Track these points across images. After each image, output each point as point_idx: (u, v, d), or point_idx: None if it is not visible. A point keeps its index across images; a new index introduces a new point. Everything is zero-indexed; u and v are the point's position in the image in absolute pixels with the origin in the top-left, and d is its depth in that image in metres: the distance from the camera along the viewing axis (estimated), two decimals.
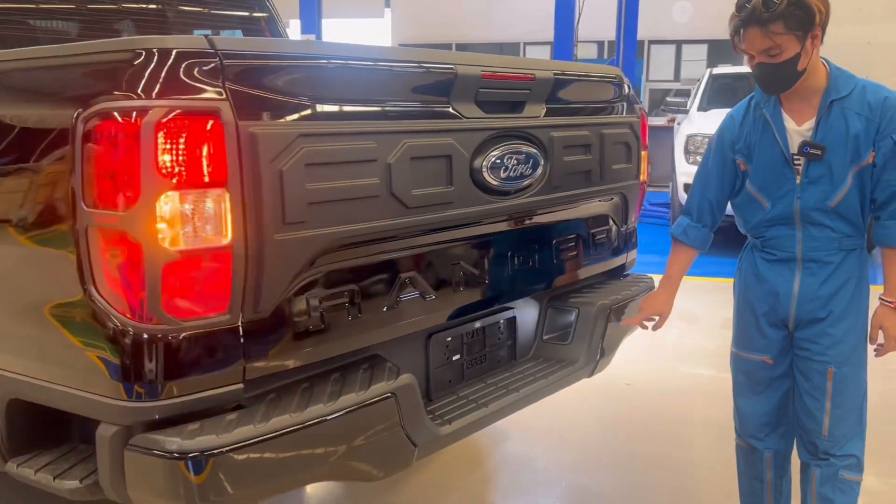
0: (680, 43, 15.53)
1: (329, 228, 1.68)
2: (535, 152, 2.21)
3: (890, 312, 2.19)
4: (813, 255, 2.20)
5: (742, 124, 2.26)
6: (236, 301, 1.58)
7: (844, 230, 2.18)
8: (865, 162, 2.11)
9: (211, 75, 1.51)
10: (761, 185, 2.23)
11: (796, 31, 1.98)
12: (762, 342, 2.35)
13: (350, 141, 1.72)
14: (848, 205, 2.15)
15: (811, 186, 2.16)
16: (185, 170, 1.48)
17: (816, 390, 2.25)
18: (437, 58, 1.97)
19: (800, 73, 2.06)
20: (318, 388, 1.77)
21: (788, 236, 2.22)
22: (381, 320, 1.89)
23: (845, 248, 2.20)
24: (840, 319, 2.22)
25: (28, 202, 1.69)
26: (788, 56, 2.01)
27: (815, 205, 2.16)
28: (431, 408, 2.13)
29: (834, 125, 2.11)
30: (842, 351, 2.22)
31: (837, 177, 2.13)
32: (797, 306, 2.24)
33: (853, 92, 2.12)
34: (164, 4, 3.47)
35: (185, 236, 1.51)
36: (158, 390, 1.55)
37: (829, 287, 2.21)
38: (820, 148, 2.11)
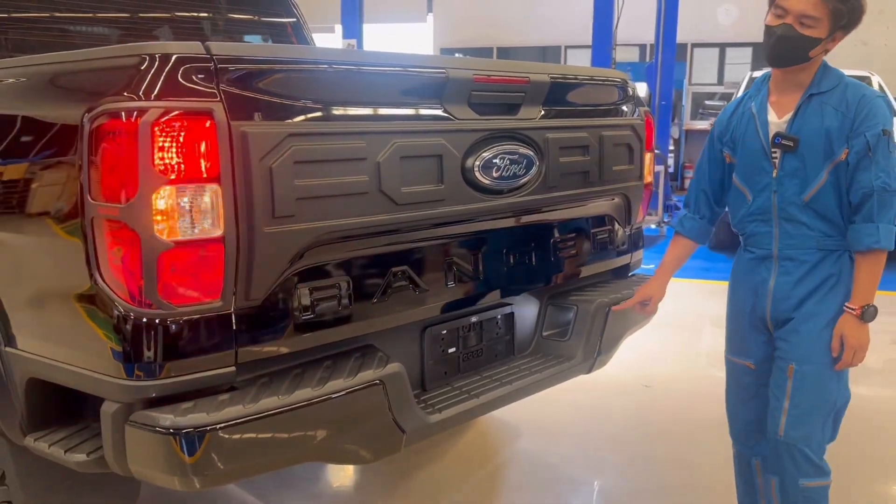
0: (724, 46, 15.33)
1: (317, 222, 1.79)
2: (529, 153, 2.28)
3: (852, 320, 2.11)
4: (788, 253, 2.18)
5: (731, 117, 2.29)
6: (228, 289, 1.69)
7: (822, 228, 2.14)
8: (839, 158, 2.10)
9: (206, 78, 1.63)
10: (745, 177, 2.24)
11: (840, 17, 2.01)
12: (744, 345, 2.34)
13: (339, 140, 1.82)
14: (823, 201, 2.12)
15: (787, 179, 2.15)
16: (180, 166, 1.60)
17: (778, 388, 2.21)
18: (427, 62, 2.06)
19: (805, 59, 2.07)
20: (309, 373, 1.87)
21: (766, 233, 2.21)
22: (371, 312, 1.99)
23: (824, 248, 2.16)
24: (809, 317, 2.17)
25: (43, 196, 1.84)
26: (814, 34, 2.02)
27: (790, 199, 2.14)
28: (425, 397, 2.22)
29: (809, 118, 2.11)
30: (806, 348, 2.17)
31: (811, 171, 2.12)
32: (772, 305, 2.22)
33: (835, 88, 2.12)
34: (194, 11, 3.64)
35: (180, 228, 1.62)
36: (155, 370, 1.67)
37: (804, 287, 2.17)
38: (792, 140, 2.11)
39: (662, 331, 4.71)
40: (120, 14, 3.38)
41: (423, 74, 2.03)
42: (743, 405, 2.39)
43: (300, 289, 1.82)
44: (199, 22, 3.69)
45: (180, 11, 3.57)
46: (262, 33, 3.92)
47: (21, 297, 1.95)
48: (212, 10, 3.69)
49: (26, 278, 1.93)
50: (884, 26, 12.93)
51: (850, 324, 2.11)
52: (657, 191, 9.00)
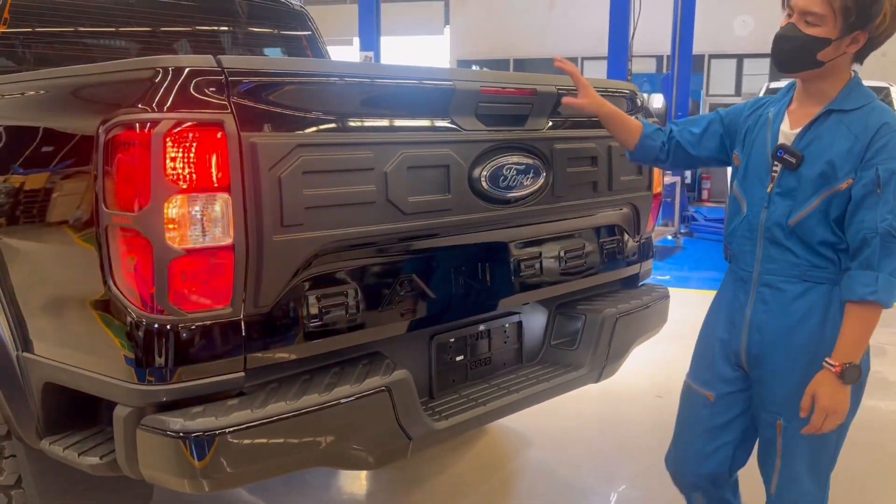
0: (741, 57, 15.29)
1: (325, 231, 1.82)
2: (536, 163, 2.30)
3: (829, 379, 1.81)
4: (768, 279, 1.95)
5: (748, 118, 2.07)
6: (238, 296, 1.73)
7: (808, 258, 1.90)
8: (838, 187, 1.84)
9: (217, 91, 1.68)
10: (744, 187, 2.02)
11: (850, 14, 1.77)
12: (709, 374, 2.11)
13: (347, 151, 1.86)
14: (808, 228, 1.88)
15: (779, 198, 1.92)
16: (191, 175, 1.64)
17: (768, 444, 2.01)
18: (435, 74, 2.09)
19: (815, 63, 1.84)
20: (316, 379, 1.90)
21: (749, 252, 1.99)
22: (379, 319, 2.02)
23: (810, 279, 1.90)
24: (792, 361, 1.92)
25: (59, 205, 1.89)
26: (820, 34, 1.80)
27: (777, 219, 1.92)
28: (433, 404, 2.24)
29: (822, 136, 1.87)
30: (792, 401, 1.90)
31: (804, 193, 1.88)
32: (748, 338, 1.99)
33: (860, 109, 1.87)
34: (210, 25, 3.71)
35: (191, 236, 1.67)
36: (166, 375, 1.71)
37: (782, 321, 1.93)
38: (796, 156, 1.88)
39: (675, 342, 4.69)
40: (139, 28, 3.46)
41: (430, 86, 2.07)
42: (693, 439, 2.15)
43: (308, 296, 1.85)
44: (216, 35, 3.76)
45: (197, 25, 3.65)
46: (278, 46, 3.99)
47: (38, 304, 2.00)
48: (228, 24, 3.77)
49: (43, 285, 1.98)
50: None
51: (827, 383, 1.81)
52: (673, 201, 8.98)
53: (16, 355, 2.01)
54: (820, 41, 1.81)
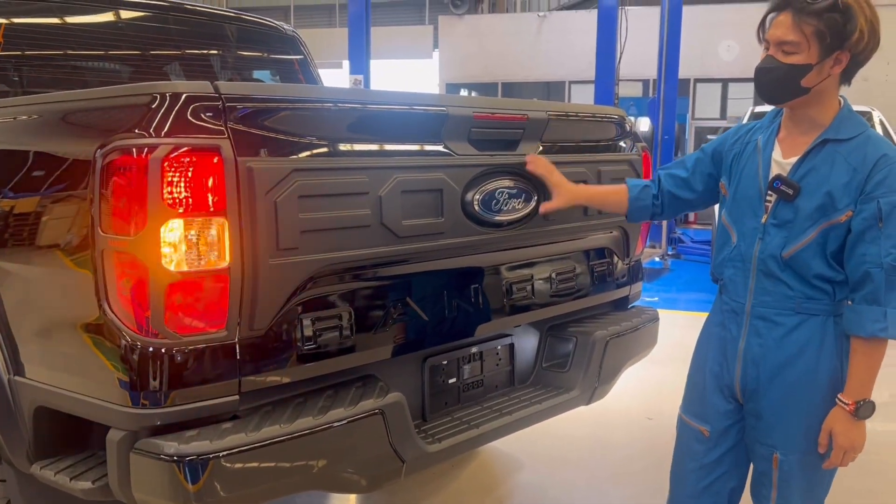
0: (726, 81, 15.50)
1: (321, 255, 1.84)
2: (528, 187, 2.34)
3: (844, 416, 1.82)
4: (762, 312, 1.92)
5: (734, 145, 2.05)
6: (233, 319, 1.74)
7: (803, 290, 1.87)
8: (837, 219, 1.82)
9: (214, 116, 1.70)
10: (734, 217, 1.99)
11: (825, 38, 1.76)
12: (703, 408, 2.07)
13: (342, 175, 1.88)
14: (803, 261, 1.86)
15: (774, 229, 1.89)
16: (188, 200, 1.66)
17: (763, 476, 1.99)
18: (428, 100, 2.13)
19: (801, 90, 1.82)
20: (310, 402, 1.91)
21: (742, 283, 1.96)
22: (372, 342, 2.03)
23: (805, 312, 1.88)
24: (790, 397, 1.90)
25: (54, 228, 1.90)
26: (799, 61, 1.79)
27: (771, 251, 1.89)
28: (425, 427, 2.25)
29: (818, 167, 1.85)
30: (790, 435, 1.90)
31: (801, 225, 1.85)
32: (742, 371, 1.96)
33: (855, 139, 1.84)
34: (204, 49, 3.74)
35: (187, 260, 1.68)
36: (161, 399, 1.71)
37: (779, 354, 1.90)
38: (793, 187, 1.85)
39: (665, 364, 4.72)
40: (131, 52, 3.48)
41: (424, 112, 2.10)
42: (687, 474, 2.11)
43: (303, 319, 1.86)
44: (209, 59, 3.79)
45: (189, 50, 3.68)
46: (270, 70, 4.03)
47: (30, 327, 2.00)
48: (220, 49, 3.80)
49: (36, 309, 1.98)
50: (884, 62, 13.08)
51: (842, 420, 1.82)
52: (660, 224, 9.05)
53: (7, 379, 2.00)
54: (801, 68, 1.80)
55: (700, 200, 2.19)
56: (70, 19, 3.21)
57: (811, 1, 1.76)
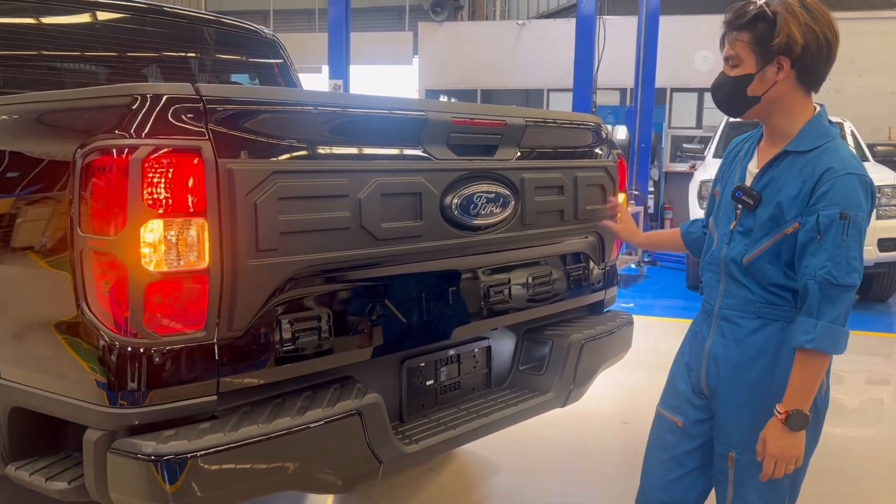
0: (702, 91, 15.68)
1: (300, 256, 1.86)
2: (505, 192, 2.37)
3: (775, 424, 1.83)
4: (726, 314, 1.99)
5: (731, 151, 2.14)
6: (212, 320, 1.75)
7: (764, 296, 1.93)
8: (785, 231, 1.87)
9: (195, 118, 1.71)
10: (717, 222, 2.07)
11: (755, 48, 1.86)
12: (678, 401, 2.13)
13: (322, 178, 1.90)
14: (759, 268, 1.92)
15: (739, 236, 1.97)
16: (168, 201, 1.67)
17: (720, 474, 2.03)
18: (408, 105, 2.16)
19: (750, 101, 1.90)
20: (289, 403, 1.92)
21: (713, 286, 2.04)
22: (351, 344, 2.05)
23: (765, 316, 1.93)
24: (746, 397, 1.95)
25: (32, 228, 1.90)
26: (741, 73, 1.89)
27: (733, 256, 1.96)
28: (403, 428, 2.27)
29: (777, 178, 1.91)
30: (744, 435, 1.94)
31: (757, 234, 1.92)
32: (706, 369, 2.03)
33: (814, 150, 1.87)
34: (183, 52, 3.74)
35: (167, 260, 1.69)
36: (139, 399, 1.71)
37: (737, 355, 1.96)
38: (753, 197, 1.92)
39: (640, 368, 4.79)
40: (109, 54, 3.47)
41: (403, 116, 2.13)
42: (658, 465, 2.16)
43: (282, 320, 1.88)
44: (187, 62, 3.79)
45: (168, 52, 3.67)
46: (250, 74, 4.03)
47: (5, 328, 1.99)
48: (200, 52, 3.79)
49: (10, 308, 1.98)
50: (855, 74, 13.34)
51: (774, 429, 1.84)
52: None
53: None
54: (743, 79, 1.89)
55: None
56: (47, 20, 3.19)
57: (737, 17, 1.88)
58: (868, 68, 13.41)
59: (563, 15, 17.32)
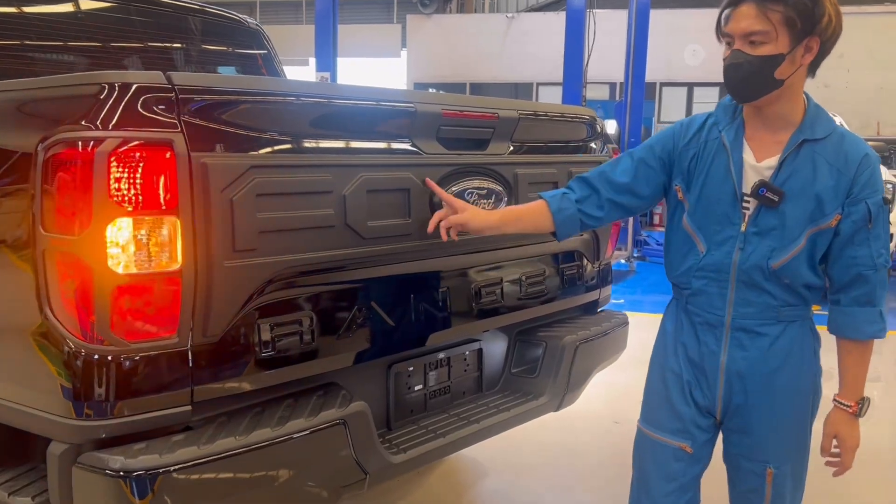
0: (691, 85, 15.68)
1: (280, 256, 1.74)
2: (497, 188, 2.26)
3: (846, 418, 1.80)
4: (743, 324, 1.82)
5: (689, 144, 1.87)
6: (185, 325, 1.63)
7: (786, 298, 1.80)
8: (826, 224, 1.74)
9: (167, 109, 1.59)
10: (701, 224, 1.84)
11: (794, 24, 1.64)
12: (679, 424, 1.92)
13: (304, 173, 1.79)
14: (792, 269, 1.77)
15: (757, 238, 1.78)
16: (136, 197, 1.55)
17: (753, 493, 1.88)
18: (395, 96, 2.04)
19: (774, 83, 1.69)
20: (269, 412, 1.81)
21: (718, 295, 1.83)
22: (335, 348, 1.94)
23: (784, 319, 1.82)
24: (781, 407, 1.84)
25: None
26: (770, 52, 1.66)
27: (756, 261, 1.78)
28: (390, 436, 2.16)
29: (800, 170, 1.74)
30: (783, 446, 1.84)
31: (790, 233, 1.75)
32: (725, 386, 1.86)
33: (830, 137, 1.75)
34: (163, 42, 3.60)
35: (135, 261, 1.57)
36: (106, 410, 1.60)
37: (766, 365, 1.82)
38: (778, 193, 1.73)
39: (631, 366, 4.68)
40: (89, 43, 3.33)
41: (391, 108, 2.02)
42: (664, 496, 1.93)
43: (261, 324, 1.76)
44: (169, 52, 3.65)
45: (148, 42, 3.53)
46: (233, 65, 3.90)
47: None
48: (179, 41, 3.66)
49: None
50: (844, 70, 13.35)
51: (846, 422, 1.81)
52: (626, 226, 9.08)
53: None
54: (773, 59, 1.67)
55: (644, 206, 1.98)
56: (23, 8, 3.06)
57: None
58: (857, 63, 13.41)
59: (552, 8, 17.23)
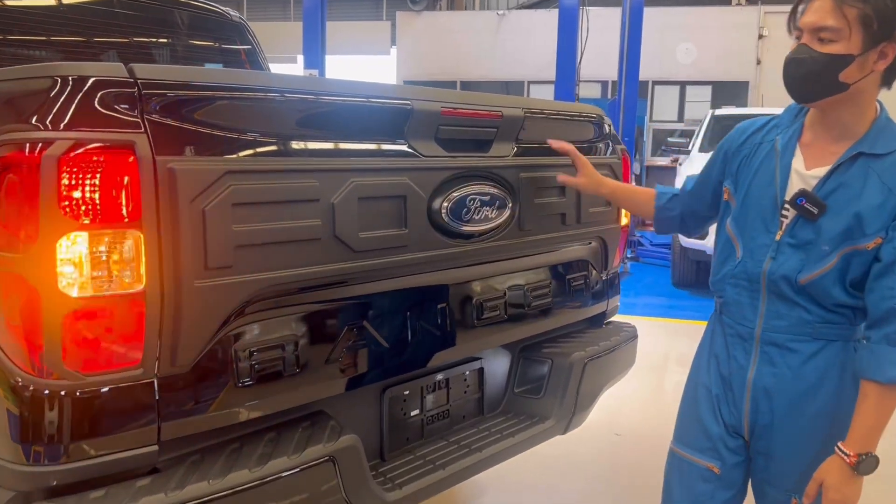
0: (684, 84, 15.53)
1: (260, 274, 1.53)
2: (502, 194, 2.06)
3: (840, 467, 1.59)
4: (774, 338, 1.71)
5: (744, 144, 1.80)
6: (151, 353, 1.42)
7: (821, 314, 1.67)
8: (863, 245, 1.60)
9: (129, 106, 1.38)
10: (741, 228, 1.76)
11: (871, 24, 1.52)
12: (707, 442, 1.82)
13: (287, 179, 1.57)
14: (822, 288, 1.65)
15: (790, 249, 1.68)
16: (91, 208, 1.34)
17: None
18: (389, 92, 1.83)
19: (838, 86, 1.57)
20: (247, 449, 1.60)
21: (749, 305, 1.74)
22: (323, 375, 1.73)
23: (822, 338, 1.68)
24: (811, 434, 1.70)
25: None
26: (838, 51, 1.55)
27: (785, 273, 1.68)
28: (384, 469, 1.96)
29: (849, 183, 1.61)
30: (810, 476, 1.66)
31: (822, 249, 1.64)
32: (751, 403, 1.75)
33: (892, 154, 1.60)
34: (142, 37, 3.38)
35: (91, 282, 1.36)
36: (59, 453, 1.38)
37: (796, 385, 1.70)
38: (819, 206, 1.62)
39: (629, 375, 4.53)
40: (66, 38, 3.11)
41: (384, 105, 1.80)
42: None
43: (238, 351, 1.55)
44: (147, 48, 3.43)
45: (123, 36, 3.31)
46: (214, 60, 3.68)
47: None
48: (156, 35, 3.44)
49: None
50: None
51: (837, 472, 1.59)
52: None
53: None
54: (840, 59, 1.55)
55: (715, 210, 1.92)
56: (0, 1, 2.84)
57: None
58: None
59: (543, 5, 17.06)
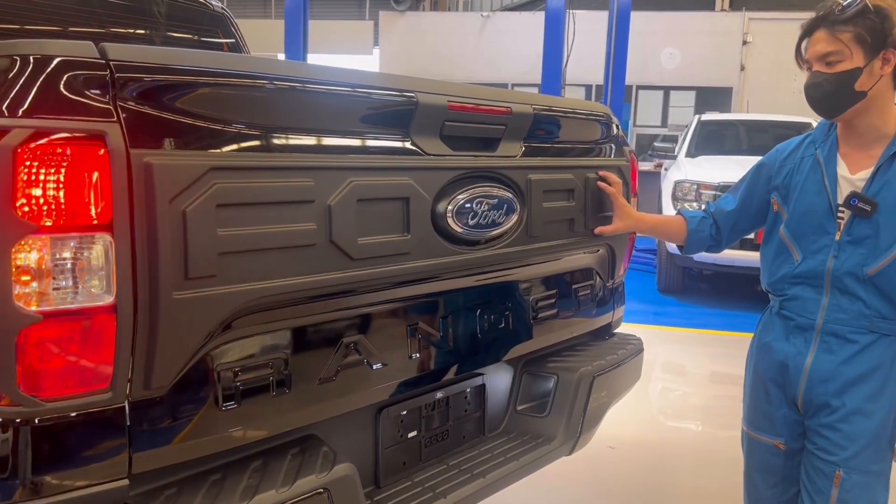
0: (668, 89, 15.51)
1: (247, 285, 1.36)
2: (509, 197, 1.90)
3: None
4: (834, 329, 1.92)
5: (786, 161, 2.05)
6: (122, 375, 1.24)
7: (880, 309, 1.87)
8: None
9: (99, 91, 1.20)
10: (796, 234, 1.98)
11: (865, 40, 1.78)
12: (771, 422, 2.08)
13: (278, 177, 1.40)
14: (887, 277, 1.85)
15: (851, 247, 1.88)
16: (53, 208, 1.16)
17: (819, 495, 1.94)
18: (392, 83, 1.66)
19: (857, 96, 1.83)
20: (231, 480, 1.42)
21: (813, 300, 1.95)
22: (315, 396, 1.55)
23: (877, 331, 1.89)
24: (857, 414, 1.90)
25: None
26: (846, 67, 1.81)
27: (850, 268, 1.88)
28: (379, 498, 1.79)
29: (892, 180, 1.84)
30: (855, 453, 1.89)
31: (883, 242, 1.84)
32: (806, 386, 1.96)
33: None
34: (121, 26, 3.19)
35: (54, 294, 1.18)
36: (14, 490, 1.20)
37: (850, 371, 1.90)
38: (870, 203, 1.83)
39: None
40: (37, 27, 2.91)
41: (386, 98, 1.64)
42: (770, 488, 2.11)
43: (222, 371, 1.38)
44: (125, 38, 3.24)
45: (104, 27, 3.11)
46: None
47: None
48: (138, 26, 3.24)
49: None
50: None
51: None
52: None
53: None
54: (850, 73, 1.81)
55: (757, 222, 2.18)
56: None
57: (839, 12, 1.79)
58: None
59: (527, 8, 16.97)
